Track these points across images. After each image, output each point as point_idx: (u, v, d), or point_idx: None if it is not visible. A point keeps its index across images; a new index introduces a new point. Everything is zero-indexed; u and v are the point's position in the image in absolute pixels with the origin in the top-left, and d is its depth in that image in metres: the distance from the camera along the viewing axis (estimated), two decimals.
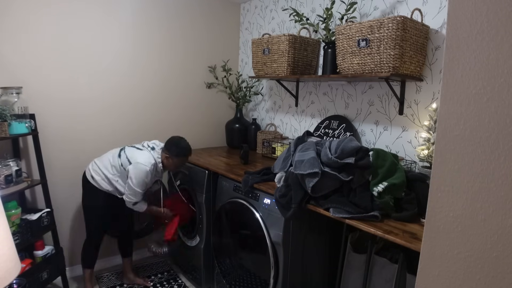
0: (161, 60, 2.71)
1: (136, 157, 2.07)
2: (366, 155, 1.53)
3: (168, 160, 2.13)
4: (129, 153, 2.11)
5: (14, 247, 0.85)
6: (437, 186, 0.66)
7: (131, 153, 2.11)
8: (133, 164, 2.04)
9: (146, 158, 2.06)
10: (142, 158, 2.06)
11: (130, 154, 2.10)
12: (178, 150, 2.11)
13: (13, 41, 2.09)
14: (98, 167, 2.15)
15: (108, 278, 2.52)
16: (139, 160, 2.04)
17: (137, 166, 2.03)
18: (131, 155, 2.09)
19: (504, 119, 0.56)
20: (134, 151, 2.12)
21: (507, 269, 0.57)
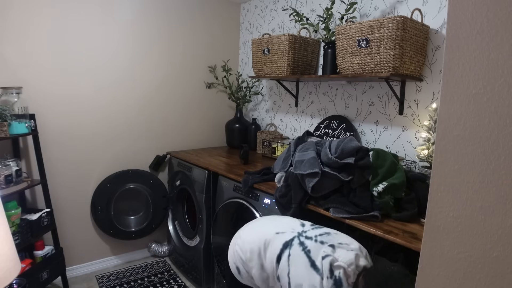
0: (161, 60, 2.71)
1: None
2: (366, 155, 1.53)
3: None
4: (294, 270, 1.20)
5: (14, 247, 0.85)
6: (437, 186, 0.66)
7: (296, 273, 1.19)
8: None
9: None
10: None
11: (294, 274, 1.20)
12: None
13: (13, 41, 2.09)
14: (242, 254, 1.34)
15: (108, 278, 2.52)
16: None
17: None
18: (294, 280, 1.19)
19: (504, 119, 0.56)
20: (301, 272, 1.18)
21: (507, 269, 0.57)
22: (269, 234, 1.31)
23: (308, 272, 1.16)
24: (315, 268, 1.16)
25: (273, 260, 1.25)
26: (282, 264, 1.22)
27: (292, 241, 1.25)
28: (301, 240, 1.24)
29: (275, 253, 1.25)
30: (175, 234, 2.68)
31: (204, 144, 3.05)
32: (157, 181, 2.74)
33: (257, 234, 1.34)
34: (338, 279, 1.13)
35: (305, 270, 1.17)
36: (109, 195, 2.53)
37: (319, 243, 1.22)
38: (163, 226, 2.81)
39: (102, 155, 2.53)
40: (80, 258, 2.54)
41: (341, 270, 1.14)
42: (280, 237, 1.28)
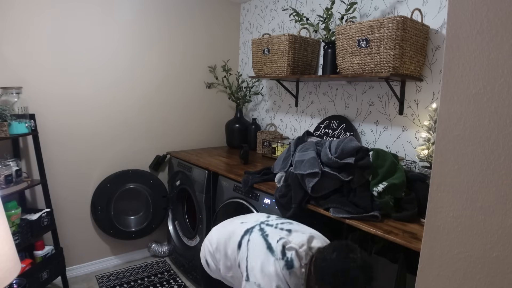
0: (161, 60, 2.71)
1: (255, 268, 1.20)
2: (366, 155, 1.53)
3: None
4: (251, 254, 1.24)
5: (14, 247, 0.85)
6: (437, 186, 0.66)
7: (252, 256, 1.23)
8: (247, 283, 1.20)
9: (268, 277, 1.16)
10: (261, 276, 1.17)
11: (251, 256, 1.24)
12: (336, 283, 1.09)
13: (13, 41, 2.09)
14: (210, 246, 1.42)
15: (108, 278, 2.52)
16: (259, 282, 1.17)
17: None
18: (251, 262, 1.22)
19: (504, 119, 0.56)
20: (257, 253, 1.22)
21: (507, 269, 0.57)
22: (234, 225, 1.38)
23: (264, 254, 1.20)
24: (270, 250, 1.20)
25: (235, 247, 1.30)
26: (242, 250, 1.28)
27: (253, 228, 1.31)
28: (262, 227, 1.30)
29: (236, 240, 1.31)
30: (175, 234, 2.68)
31: (204, 144, 3.05)
32: (157, 181, 2.74)
33: (225, 227, 1.42)
34: (289, 260, 1.16)
35: (262, 253, 1.21)
36: (109, 195, 2.53)
37: (278, 229, 1.28)
38: (163, 226, 2.81)
39: (102, 155, 2.53)
40: (80, 258, 2.54)
41: (293, 251, 1.16)
42: (243, 226, 1.36)
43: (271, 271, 1.17)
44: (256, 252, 1.23)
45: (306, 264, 1.17)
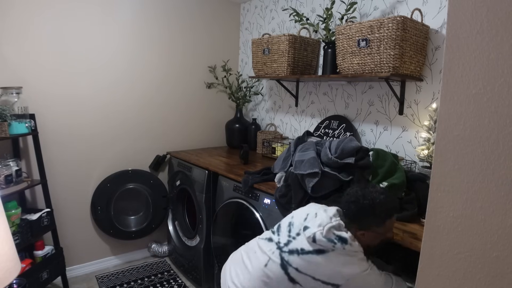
0: (161, 60, 2.71)
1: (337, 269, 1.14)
2: (366, 155, 1.53)
3: (365, 237, 1.20)
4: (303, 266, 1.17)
5: (14, 247, 0.85)
6: (437, 186, 0.66)
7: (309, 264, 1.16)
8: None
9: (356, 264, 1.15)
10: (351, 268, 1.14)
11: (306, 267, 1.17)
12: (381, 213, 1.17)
13: (13, 41, 2.09)
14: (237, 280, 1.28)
15: (108, 278, 2.52)
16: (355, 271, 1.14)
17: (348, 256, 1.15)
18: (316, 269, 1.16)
19: (504, 119, 0.56)
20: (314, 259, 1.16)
21: (507, 269, 0.57)
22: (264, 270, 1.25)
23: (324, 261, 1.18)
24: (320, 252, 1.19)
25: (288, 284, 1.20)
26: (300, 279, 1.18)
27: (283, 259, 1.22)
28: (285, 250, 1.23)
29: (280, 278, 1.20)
30: (175, 234, 2.68)
31: (204, 144, 3.05)
32: (157, 181, 2.74)
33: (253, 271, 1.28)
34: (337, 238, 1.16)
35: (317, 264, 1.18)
36: (109, 195, 2.53)
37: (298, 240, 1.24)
38: (163, 226, 2.81)
39: (102, 155, 2.53)
40: (80, 258, 2.54)
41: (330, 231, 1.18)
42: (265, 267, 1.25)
43: (339, 259, 1.15)
44: (314, 265, 1.16)
45: (346, 229, 1.20)
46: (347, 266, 1.15)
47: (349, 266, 1.15)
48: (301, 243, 1.20)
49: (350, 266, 1.15)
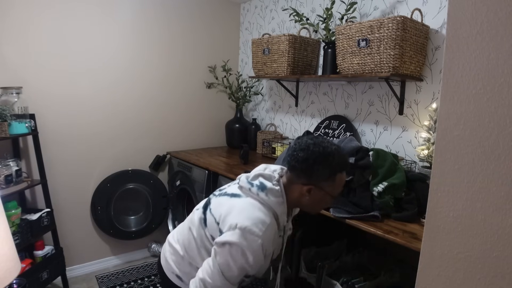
0: (161, 60, 2.71)
1: (232, 214, 1.09)
2: (366, 155, 1.53)
3: (311, 194, 1.13)
4: (215, 205, 1.17)
5: (14, 247, 0.85)
6: (437, 186, 0.66)
7: (219, 205, 1.16)
8: (227, 232, 1.05)
9: (254, 217, 1.06)
10: (246, 216, 1.06)
11: (216, 207, 1.16)
12: (333, 164, 1.09)
13: (13, 41, 2.09)
14: (173, 240, 1.28)
15: (108, 278, 2.52)
16: (242, 223, 1.04)
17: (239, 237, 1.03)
18: (221, 210, 1.13)
19: (504, 119, 0.56)
20: (225, 201, 1.16)
21: (507, 269, 0.57)
22: (190, 217, 1.28)
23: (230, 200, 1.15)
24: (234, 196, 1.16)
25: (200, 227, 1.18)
26: (208, 221, 1.16)
27: (209, 200, 1.23)
28: (216, 195, 1.24)
29: (199, 220, 1.20)
30: None
31: (204, 144, 3.05)
32: (157, 181, 2.74)
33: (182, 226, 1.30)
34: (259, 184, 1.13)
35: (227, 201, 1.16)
36: (109, 195, 2.53)
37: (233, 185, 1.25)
38: (163, 226, 2.81)
39: (102, 155, 2.53)
40: (80, 258, 2.54)
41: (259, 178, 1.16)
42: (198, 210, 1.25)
43: (243, 204, 1.10)
44: (221, 206, 1.14)
45: (277, 180, 1.14)
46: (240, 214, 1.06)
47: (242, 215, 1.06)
48: (232, 188, 1.20)
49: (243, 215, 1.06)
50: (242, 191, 1.16)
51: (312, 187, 1.11)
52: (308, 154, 1.08)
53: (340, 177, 1.12)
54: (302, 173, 1.10)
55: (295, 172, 1.12)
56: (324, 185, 1.11)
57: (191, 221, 1.25)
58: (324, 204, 1.18)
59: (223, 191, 1.23)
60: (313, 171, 1.09)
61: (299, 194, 1.13)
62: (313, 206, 1.17)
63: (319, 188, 1.11)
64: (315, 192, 1.12)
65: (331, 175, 1.10)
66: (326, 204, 1.21)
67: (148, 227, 2.70)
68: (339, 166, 1.10)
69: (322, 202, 1.16)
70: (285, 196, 1.13)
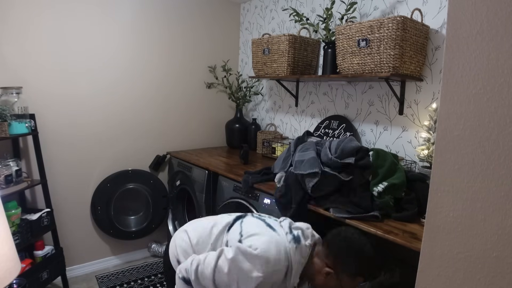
0: (161, 60, 2.71)
1: (259, 238, 1.13)
2: (366, 155, 1.53)
3: (328, 278, 1.14)
4: (249, 222, 1.24)
5: (14, 247, 0.85)
6: (437, 186, 0.66)
7: (252, 224, 1.22)
8: (237, 247, 1.11)
9: (273, 253, 1.08)
10: (266, 247, 1.09)
11: (248, 224, 1.22)
12: (360, 265, 1.12)
13: (13, 41, 2.09)
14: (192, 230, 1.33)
15: (108, 278, 2.52)
16: (260, 249, 1.08)
17: (247, 256, 1.08)
18: (250, 229, 1.19)
19: (504, 119, 0.56)
20: (260, 225, 1.21)
21: (507, 269, 0.57)
22: (217, 218, 1.35)
23: (265, 228, 1.20)
24: (270, 227, 1.20)
25: (223, 231, 1.25)
26: (233, 229, 1.23)
27: (245, 215, 1.32)
28: (254, 215, 1.31)
29: (223, 225, 1.27)
30: None
31: (204, 144, 3.05)
32: (157, 181, 2.74)
33: (201, 222, 1.36)
34: (297, 236, 1.16)
35: (262, 227, 1.20)
36: (109, 195, 2.53)
37: (273, 219, 1.31)
38: (163, 226, 2.81)
39: (102, 155, 2.53)
40: (80, 258, 2.54)
41: (300, 230, 1.19)
42: (230, 216, 1.33)
43: (272, 238, 1.13)
44: (253, 226, 1.20)
45: (311, 244, 1.17)
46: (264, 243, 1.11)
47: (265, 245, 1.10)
48: (271, 220, 1.28)
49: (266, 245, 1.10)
50: (278, 229, 1.19)
51: (332, 272, 1.13)
52: (348, 243, 1.13)
53: (358, 279, 1.15)
54: (332, 255, 1.14)
55: (328, 251, 1.16)
56: (343, 277, 1.13)
57: (216, 221, 1.31)
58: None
59: (262, 217, 1.30)
60: (343, 260, 1.12)
61: (318, 270, 1.16)
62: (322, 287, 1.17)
63: (336, 277, 1.13)
64: (332, 278, 1.14)
65: (355, 274, 1.13)
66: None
67: (148, 227, 2.70)
68: (365, 271, 1.14)
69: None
70: (307, 261, 1.15)
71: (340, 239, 1.14)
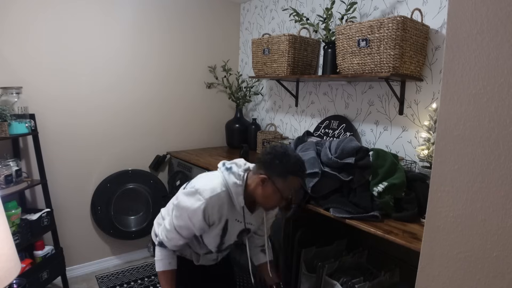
0: (161, 60, 2.71)
1: (197, 179, 1.33)
2: (366, 155, 1.53)
3: (264, 186, 1.25)
4: (197, 178, 1.37)
5: (14, 247, 0.85)
6: (437, 186, 0.66)
7: (198, 177, 1.36)
8: (180, 193, 1.31)
9: (209, 184, 1.26)
10: (202, 183, 1.27)
11: (196, 179, 1.35)
12: (288, 165, 1.23)
13: (13, 41, 2.09)
14: (160, 214, 1.56)
15: (108, 278, 2.52)
16: (197, 186, 1.26)
17: (188, 194, 1.26)
18: (196, 180, 1.34)
19: (504, 119, 0.56)
20: (203, 175, 1.36)
21: (507, 269, 0.57)
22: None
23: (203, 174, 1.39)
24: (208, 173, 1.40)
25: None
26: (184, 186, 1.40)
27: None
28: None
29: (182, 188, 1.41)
30: None
31: (204, 144, 3.05)
32: (157, 181, 2.74)
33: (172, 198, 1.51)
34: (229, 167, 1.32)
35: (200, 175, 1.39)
36: (109, 195, 2.53)
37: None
38: None
39: (102, 155, 2.53)
40: (80, 258, 2.54)
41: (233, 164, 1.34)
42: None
43: (208, 174, 1.33)
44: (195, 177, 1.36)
45: (244, 170, 1.31)
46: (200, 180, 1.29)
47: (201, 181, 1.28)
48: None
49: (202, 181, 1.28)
50: (214, 172, 1.36)
51: (266, 178, 1.24)
52: (272, 150, 1.26)
53: (292, 179, 1.24)
54: (262, 164, 1.26)
55: (258, 164, 1.29)
56: (276, 180, 1.23)
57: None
58: (275, 201, 1.27)
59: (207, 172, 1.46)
60: (271, 164, 1.24)
61: (256, 183, 1.26)
62: (265, 199, 1.27)
63: (271, 182, 1.23)
64: (268, 184, 1.24)
65: (284, 173, 1.22)
66: (276, 203, 1.29)
67: (148, 227, 2.70)
68: (293, 168, 1.23)
69: (272, 199, 1.26)
70: (244, 182, 1.28)
71: (266, 153, 1.27)
